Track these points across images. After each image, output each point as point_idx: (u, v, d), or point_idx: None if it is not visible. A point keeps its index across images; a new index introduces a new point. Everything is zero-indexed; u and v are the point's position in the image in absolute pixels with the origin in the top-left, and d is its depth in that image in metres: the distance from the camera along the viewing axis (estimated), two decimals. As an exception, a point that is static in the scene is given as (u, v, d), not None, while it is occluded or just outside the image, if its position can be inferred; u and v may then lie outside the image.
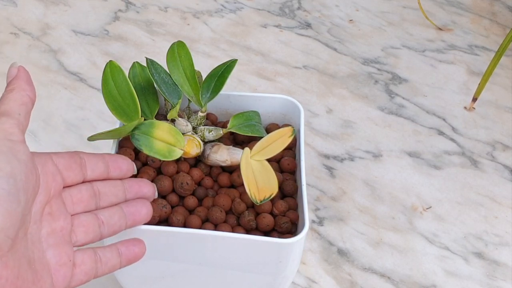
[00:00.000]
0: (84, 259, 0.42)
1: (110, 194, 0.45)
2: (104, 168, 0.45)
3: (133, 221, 0.45)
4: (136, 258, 0.46)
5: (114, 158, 0.46)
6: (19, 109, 0.40)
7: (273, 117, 0.57)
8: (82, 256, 0.42)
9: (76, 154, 0.44)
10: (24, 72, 0.43)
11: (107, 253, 0.44)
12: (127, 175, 0.47)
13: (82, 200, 0.44)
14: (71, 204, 0.43)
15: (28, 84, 0.42)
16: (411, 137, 0.74)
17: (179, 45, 0.53)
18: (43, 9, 0.88)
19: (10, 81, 0.42)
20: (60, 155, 0.43)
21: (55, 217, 0.41)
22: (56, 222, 0.41)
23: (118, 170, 0.46)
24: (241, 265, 0.49)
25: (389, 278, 0.61)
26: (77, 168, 0.43)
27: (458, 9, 0.91)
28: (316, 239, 0.64)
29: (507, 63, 0.83)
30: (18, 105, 0.40)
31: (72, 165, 0.43)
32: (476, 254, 0.63)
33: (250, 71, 0.81)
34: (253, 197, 0.46)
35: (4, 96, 0.41)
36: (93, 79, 0.78)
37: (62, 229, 0.41)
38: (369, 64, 0.83)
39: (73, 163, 0.43)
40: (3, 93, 0.42)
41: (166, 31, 0.86)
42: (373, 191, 0.68)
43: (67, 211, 0.42)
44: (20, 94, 0.41)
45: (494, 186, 0.69)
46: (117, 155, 0.47)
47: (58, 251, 0.41)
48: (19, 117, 0.40)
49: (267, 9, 0.90)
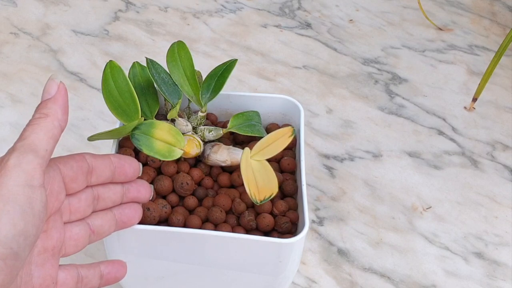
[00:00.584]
0: (66, 280, 0.41)
1: (108, 200, 0.44)
2: (110, 174, 0.44)
3: (122, 226, 0.45)
4: (116, 281, 0.45)
5: (121, 163, 0.44)
6: (47, 143, 0.38)
7: (273, 117, 0.57)
8: (65, 276, 0.41)
9: (84, 160, 0.42)
10: (63, 94, 0.40)
11: (90, 273, 0.43)
12: (131, 179, 0.46)
13: (79, 210, 0.42)
14: (68, 213, 0.42)
15: (63, 112, 0.40)
16: (411, 137, 0.74)
17: (179, 45, 0.53)
18: (43, 9, 0.88)
19: (46, 101, 0.40)
20: (69, 165, 0.41)
21: (49, 235, 0.40)
22: (49, 241, 0.40)
23: (123, 176, 0.45)
24: (241, 265, 0.49)
25: (389, 278, 0.61)
26: (82, 177, 0.42)
27: (458, 9, 0.91)
28: (316, 239, 0.64)
29: (507, 63, 0.83)
30: (47, 138, 0.38)
31: (78, 177, 0.42)
32: (476, 254, 0.63)
33: (250, 71, 0.81)
34: (253, 197, 0.46)
35: (36, 121, 0.39)
36: (93, 79, 0.78)
37: (53, 248, 0.40)
38: (369, 64, 0.83)
39: (80, 174, 0.42)
40: (35, 113, 0.39)
41: (166, 31, 0.86)
42: (373, 191, 0.68)
43: (62, 224, 0.41)
44: (53, 125, 0.39)
45: (494, 186, 0.69)
46: (125, 159, 0.45)
47: (43, 273, 0.40)
48: (45, 154, 0.38)
49: (267, 9, 0.90)
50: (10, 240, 0.35)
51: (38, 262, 0.39)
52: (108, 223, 0.44)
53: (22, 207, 0.36)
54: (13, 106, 0.75)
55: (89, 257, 0.60)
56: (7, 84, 0.77)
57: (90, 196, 0.43)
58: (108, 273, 0.44)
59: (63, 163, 0.41)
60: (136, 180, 0.46)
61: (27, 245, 0.36)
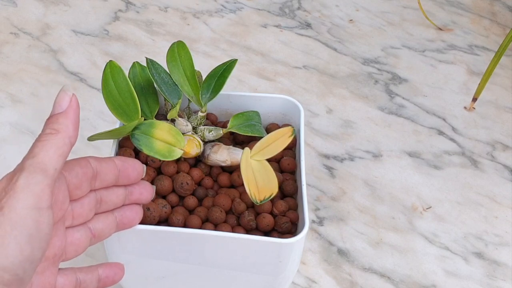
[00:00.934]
0: (65, 286, 0.41)
1: (110, 203, 0.44)
2: (113, 178, 0.43)
3: (122, 228, 0.45)
4: (113, 283, 0.45)
5: (125, 166, 0.44)
6: (57, 162, 0.37)
7: (273, 117, 0.57)
8: (63, 282, 0.41)
9: (88, 166, 0.41)
10: (75, 108, 0.39)
11: (88, 277, 0.43)
12: (134, 182, 0.45)
13: (82, 215, 0.42)
14: (70, 218, 0.41)
15: (74, 128, 0.39)
16: (411, 137, 0.74)
17: (179, 45, 0.53)
18: (43, 9, 0.88)
19: (57, 116, 0.39)
20: (74, 172, 0.40)
21: (51, 244, 0.39)
22: (51, 250, 0.40)
23: (126, 179, 0.44)
24: (241, 265, 0.49)
25: (389, 278, 0.61)
26: (87, 183, 0.41)
27: (458, 9, 0.91)
28: (316, 239, 0.64)
29: (507, 63, 0.83)
30: (57, 157, 0.37)
31: (83, 183, 0.41)
32: (476, 254, 0.63)
33: (250, 71, 0.81)
34: (253, 197, 0.46)
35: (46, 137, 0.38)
36: (93, 79, 0.78)
37: (54, 256, 0.40)
38: (369, 64, 0.83)
39: (85, 180, 0.41)
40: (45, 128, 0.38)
41: (166, 31, 0.86)
42: (373, 191, 0.68)
43: (64, 231, 0.41)
44: (63, 142, 0.38)
45: (494, 186, 0.69)
46: (129, 162, 0.44)
47: (43, 281, 0.39)
48: (54, 172, 0.37)
49: (267, 9, 0.90)
50: (16, 266, 0.34)
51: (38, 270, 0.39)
52: (109, 226, 0.44)
53: (30, 231, 0.35)
54: (13, 106, 0.75)
55: (89, 257, 0.60)
56: (7, 84, 0.77)
57: (93, 200, 0.43)
58: (106, 277, 0.44)
59: (68, 170, 0.40)
60: (139, 182, 0.45)
61: (32, 269, 0.35)
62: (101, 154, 0.68)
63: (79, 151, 0.63)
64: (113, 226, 0.44)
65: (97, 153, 0.68)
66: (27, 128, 0.72)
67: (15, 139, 0.71)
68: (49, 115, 0.39)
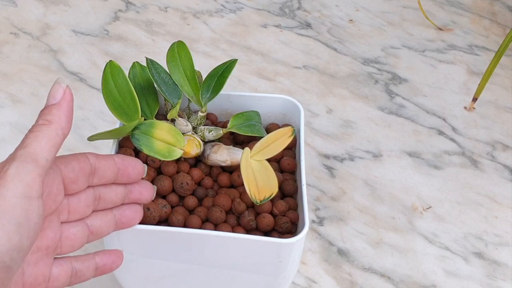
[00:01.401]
0: (59, 276, 0.41)
1: (109, 201, 0.43)
2: (112, 176, 0.43)
3: (121, 227, 0.45)
4: (111, 271, 0.44)
5: (125, 165, 0.43)
6: (49, 152, 0.37)
7: (273, 117, 0.57)
8: (58, 272, 0.41)
9: (86, 161, 0.41)
10: (69, 100, 0.39)
11: (84, 266, 0.42)
12: (134, 181, 0.45)
13: (78, 210, 0.42)
14: (66, 213, 0.41)
15: (67, 119, 0.39)
16: (411, 137, 0.74)
17: (179, 45, 0.53)
18: (43, 9, 0.88)
19: (51, 107, 0.39)
20: (71, 166, 0.40)
21: (44, 235, 0.39)
22: (44, 241, 0.39)
23: (126, 177, 0.44)
24: (241, 265, 0.49)
25: (389, 278, 0.61)
26: (84, 179, 0.41)
27: (458, 9, 0.91)
28: (316, 239, 0.64)
29: (507, 63, 0.83)
30: (49, 147, 0.37)
31: (79, 178, 0.41)
32: (476, 254, 0.63)
33: (250, 71, 0.81)
34: (253, 197, 0.46)
35: (39, 127, 0.38)
36: (93, 79, 0.78)
37: (47, 247, 0.40)
38: (369, 64, 0.83)
39: (82, 175, 0.41)
40: (39, 119, 0.38)
41: (166, 31, 0.86)
42: (373, 191, 0.68)
43: (58, 224, 0.40)
44: (56, 133, 0.38)
45: (494, 186, 0.69)
46: (129, 161, 0.44)
47: (35, 272, 0.39)
48: (46, 163, 0.37)
49: (267, 9, 0.90)
50: (3, 254, 0.34)
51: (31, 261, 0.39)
52: (108, 224, 0.44)
53: (18, 220, 0.35)
54: (13, 106, 0.75)
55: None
56: (7, 84, 0.77)
57: (91, 196, 0.42)
58: (103, 265, 0.44)
59: (64, 164, 0.40)
60: (139, 181, 0.45)
61: (20, 258, 0.35)
62: (101, 154, 0.68)
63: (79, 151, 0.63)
64: (112, 225, 0.44)
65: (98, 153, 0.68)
66: (27, 128, 0.72)
67: (15, 139, 0.71)
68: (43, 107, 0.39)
